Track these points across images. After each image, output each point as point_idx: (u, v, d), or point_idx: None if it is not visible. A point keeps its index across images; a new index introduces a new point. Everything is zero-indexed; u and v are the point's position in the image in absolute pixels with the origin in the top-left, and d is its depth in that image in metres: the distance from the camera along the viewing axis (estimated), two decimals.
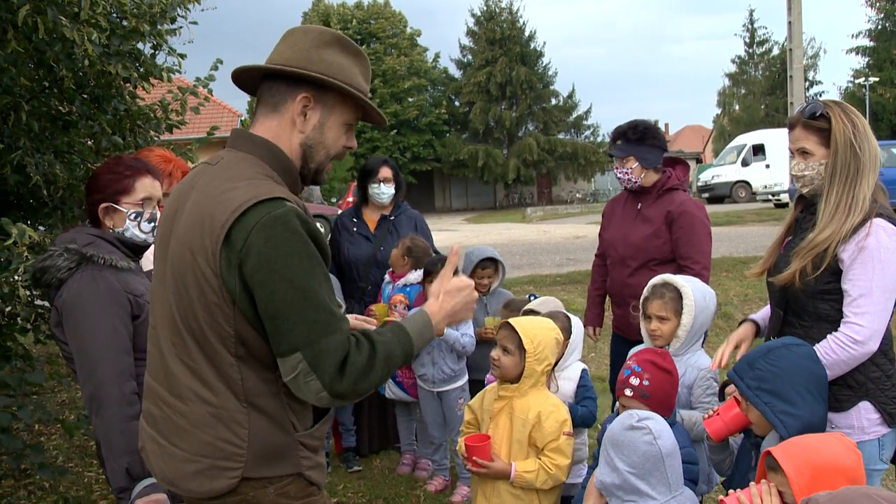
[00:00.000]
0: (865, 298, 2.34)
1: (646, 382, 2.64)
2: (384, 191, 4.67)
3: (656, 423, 2.32)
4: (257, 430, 1.71)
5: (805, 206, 2.64)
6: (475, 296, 1.92)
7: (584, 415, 3.32)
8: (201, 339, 1.69)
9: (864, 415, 2.39)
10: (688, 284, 3.08)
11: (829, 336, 2.40)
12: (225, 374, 1.69)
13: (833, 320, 2.44)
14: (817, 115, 2.48)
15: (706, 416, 2.45)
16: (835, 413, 2.40)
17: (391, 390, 4.51)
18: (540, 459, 2.84)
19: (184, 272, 1.69)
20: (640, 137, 3.82)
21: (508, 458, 2.87)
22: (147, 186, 2.58)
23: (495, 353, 2.94)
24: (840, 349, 2.36)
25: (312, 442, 1.82)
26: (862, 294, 2.34)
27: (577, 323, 3.49)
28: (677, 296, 3.06)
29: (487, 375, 4.20)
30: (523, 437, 2.86)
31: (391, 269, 4.51)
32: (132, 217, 2.55)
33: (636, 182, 3.85)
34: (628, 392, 2.68)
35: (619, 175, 3.91)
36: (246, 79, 1.90)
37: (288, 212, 1.64)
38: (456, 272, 2.03)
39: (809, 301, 2.47)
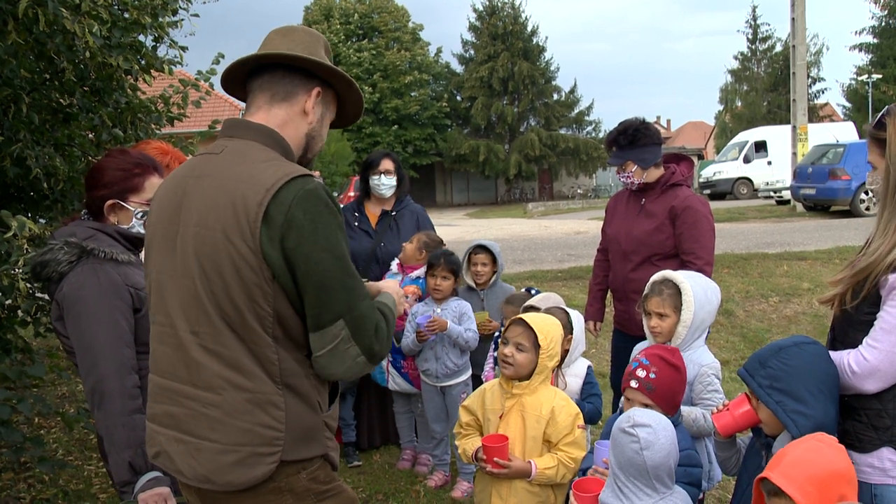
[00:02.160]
0: (883, 333, 2.10)
1: (652, 375, 2.63)
2: (384, 182, 4.65)
3: (649, 432, 2.29)
4: (293, 411, 1.73)
5: None
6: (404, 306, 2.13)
7: (589, 412, 3.32)
8: (237, 323, 1.69)
9: (887, 455, 2.14)
10: (687, 281, 3.06)
11: (841, 352, 2.23)
12: (262, 356, 1.71)
13: None
14: (881, 122, 2.21)
15: (715, 410, 2.43)
16: (854, 452, 2.16)
17: (394, 381, 4.50)
18: (557, 454, 2.84)
19: (216, 256, 1.69)
20: (631, 140, 3.81)
21: (523, 455, 2.86)
22: (155, 185, 2.55)
23: (508, 350, 2.90)
24: (839, 369, 2.20)
25: (332, 423, 1.87)
26: (883, 328, 2.11)
27: (577, 317, 3.47)
28: (676, 292, 3.05)
29: (484, 374, 4.19)
30: (538, 433, 2.86)
31: (399, 262, 4.50)
32: (139, 216, 2.55)
33: (640, 183, 3.85)
34: (633, 384, 2.67)
35: (622, 180, 3.92)
36: (239, 72, 1.93)
37: (318, 186, 1.73)
38: None
39: (850, 329, 2.24)
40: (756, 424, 2.31)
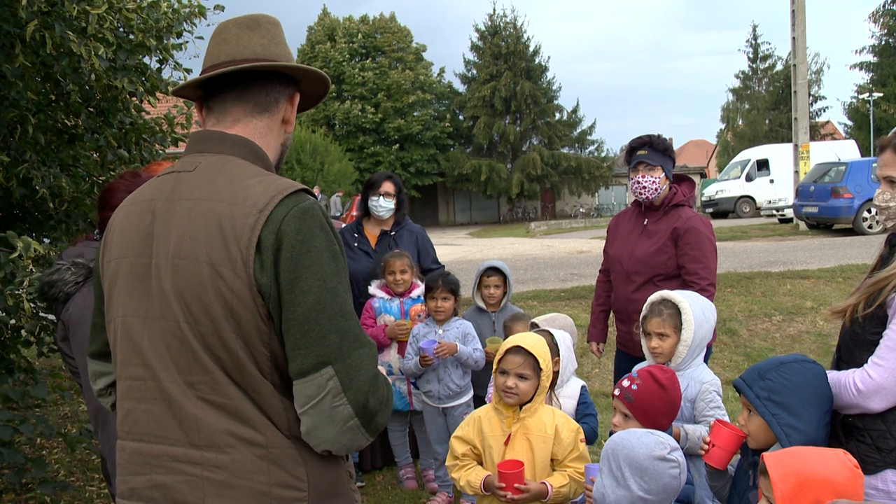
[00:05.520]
0: (888, 351, 2.10)
1: (634, 387, 2.65)
2: (383, 205, 4.66)
3: (680, 454, 2.31)
4: (313, 465, 1.49)
5: (891, 245, 2.28)
6: None
7: (585, 432, 3.30)
8: (234, 369, 1.44)
9: (891, 478, 2.13)
10: (686, 300, 3.07)
11: (846, 371, 2.23)
12: (267, 405, 1.46)
13: None
14: None
15: (702, 452, 2.41)
16: None
17: (418, 400, 4.43)
18: (566, 471, 2.84)
19: (202, 293, 1.43)
20: (665, 149, 3.82)
21: (533, 477, 2.84)
22: None
23: (511, 381, 2.87)
24: (844, 388, 2.19)
25: (352, 470, 1.66)
26: (888, 346, 2.11)
27: (563, 337, 3.45)
28: (676, 312, 3.05)
29: (487, 395, 4.17)
30: (546, 454, 2.85)
31: (386, 285, 4.45)
32: None
33: (659, 193, 3.81)
34: (616, 391, 2.71)
35: (644, 183, 3.77)
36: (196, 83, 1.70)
37: (314, 205, 1.50)
38: None
39: (857, 349, 2.24)
40: (742, 441, 2.31)
